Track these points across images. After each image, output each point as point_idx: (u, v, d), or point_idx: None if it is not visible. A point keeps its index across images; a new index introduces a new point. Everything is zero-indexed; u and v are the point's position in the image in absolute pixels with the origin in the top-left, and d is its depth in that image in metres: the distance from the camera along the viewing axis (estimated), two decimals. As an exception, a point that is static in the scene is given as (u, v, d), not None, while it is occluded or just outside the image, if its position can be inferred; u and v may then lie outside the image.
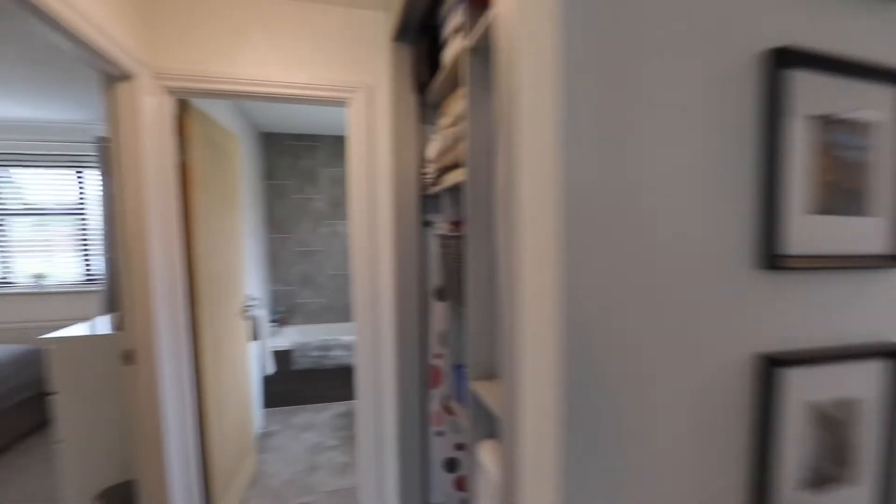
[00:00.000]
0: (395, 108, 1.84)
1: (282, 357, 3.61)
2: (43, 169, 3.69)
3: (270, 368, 3.41)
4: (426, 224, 1.95)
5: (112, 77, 1.58)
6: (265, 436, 3.19)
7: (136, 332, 1.64)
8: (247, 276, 2.76)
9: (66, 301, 3.70)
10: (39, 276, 3.69)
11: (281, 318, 4.26)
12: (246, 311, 2.58)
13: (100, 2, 1.40)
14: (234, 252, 2.41)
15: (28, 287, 3.69)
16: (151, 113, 1.68)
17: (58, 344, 1.94)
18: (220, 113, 2.73)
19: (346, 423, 3.37)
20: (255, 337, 3.13)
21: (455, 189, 1.60)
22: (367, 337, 2.02)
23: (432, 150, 1.73)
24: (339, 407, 3.68)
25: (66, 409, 1.97)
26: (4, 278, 3.71)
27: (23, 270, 3.73)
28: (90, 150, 3.58)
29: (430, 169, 1.75)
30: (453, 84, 1.58)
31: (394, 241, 1.92)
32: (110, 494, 1.98)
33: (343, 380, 3.75)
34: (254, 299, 3.19)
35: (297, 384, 3.68)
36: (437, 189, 1.73)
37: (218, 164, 2.18)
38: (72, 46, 1.35)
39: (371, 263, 1.99)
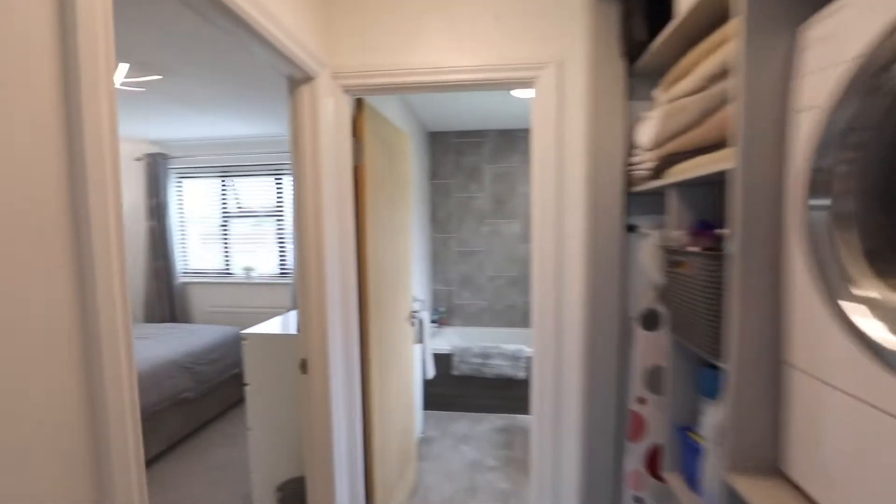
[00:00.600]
0: (593, 83, 1.46)
1: (441, 360, 3.53)
2: (252, 177, 4.29)
3: (431, 372, 3.35)
4: (630, 229, 1.52)
5: (295, 80, 1.55)
6: (425, 441, 3.13)
7: (311, 340, 1.60)
8: (413, 277, 2.68)
9: (268, 291, 4.25)
10: (249, 269, 4.31)
11: (440, 318, 4.23)
12: (413, 315, 2.49)
13: (287, 4, 1.34)
14: (402, 255, 2.33)
15: (240, 278, 4.35)
16: (330, 114, 1.61)
17: (251, 339, 2.08)
18: (389, 112, 2.70)
19: (506, 441, 3.11)
20: (419, 339, 3.08)
21: (690, 184, 1.14)
22: (547, 359, 1.69)
23: (647, 132, 1.30)
24: (497, 420, 3.45)
25: (255, 399, 2.11)
26: (225, 269, 4.44)
27: (237, 263, 4.41)
28: (286, 159, 4.02)
29: (644, 157, 1.32)
30: (690, 37, 1.12)
31: (586, 248, 1.54)
32: (288, 487, 2.06)
33: (502, 391, 3.50)
34: (418, 301, 3.14)
35: (456, 389, 3.57)
36: (652, 184, 1.29)
37: (389, 164, 2.10)
38: (263, 51, 1.31)
39: (555, 273, 1.64)
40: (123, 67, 2.32)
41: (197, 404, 3.11)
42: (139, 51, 2.22)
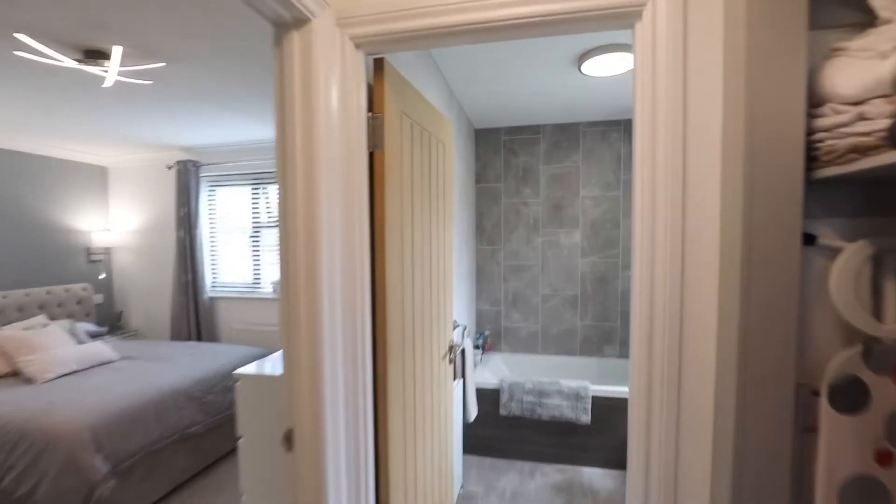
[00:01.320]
0: (743, 5, 0.87)
1: (487, 397, 2.97)
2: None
3: (473, 412, 2.78)
4: (808, 240, 0.92)
5: (282, 24, 1.08)
6: (465, 498, 2.56)
7: (298, 402, 1.11)
8: (453, 303, 2.15)
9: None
10: (277, 284, 3.95)
11: (485, 343, 3.66)
12: (452, 350, 1.96)
13: None
14: (440, 276, 1.81)
15: (269, 293, 4.00)
16: (333, 74, 1.13)
17: (245, 381, 1.62)
18: (426, 97, 2.21)
19: (567, 503, 2.49)
20: (458, 374, 2.54)
21: None
22: (655, 427, 1.09)
23: (861, 77, 0.70)
24: (554, 474, 2.82)
25: (250, 456, 1.65)
26: (255, 283, 4.12)
27: (267, 277, 4.07)
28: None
29: (856, 114, 0.72)
30: None
31: (725, 267, 0.95)
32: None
33: (561, 437, 2.87)
34: (459, 326, 2.61)
35: (505, 432, 2.98)
36: (877, 161, 0.69)
37: (422, 154, 1.59)
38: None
39: (668, 305, 1.04)
40: (118, 51, 1.99)
41: (205, 439, 2.72)
42: (138, 36, 1.88)
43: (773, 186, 0.87)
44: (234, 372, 1.67)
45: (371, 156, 1.27)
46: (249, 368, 1.68)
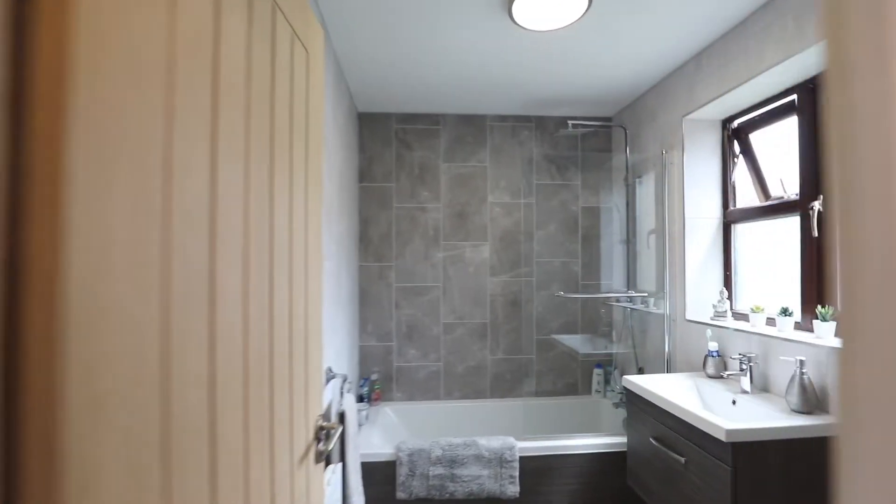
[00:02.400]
0: None
1: (377, 473, 2.07)
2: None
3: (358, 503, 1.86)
4: None
5: None
6: None
7: None
8: (321, 346, 1.26)
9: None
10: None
11: (372, 392, 2.76)
12: (323, 440, 1.03)
13: None
14: (297, 299, 0.89)
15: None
16: None
17: None
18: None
19: None
20: (336, 456, 1.62)
21: None
22: None
23: None
24: (474, 575, 2.01)
25: None
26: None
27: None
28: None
29: None
30: None
31: None
32: None
33: (480, 520, 2.09)
34: (335, 377, 1.71)
35: (402, 523, 2.09)
36: None
37: (248, 42, 0.72)
38: None
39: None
40: None
41: None
42: None
43: None
44: None
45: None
46: None
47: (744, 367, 1.73)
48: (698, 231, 2.24)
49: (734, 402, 1.71)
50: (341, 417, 1.71)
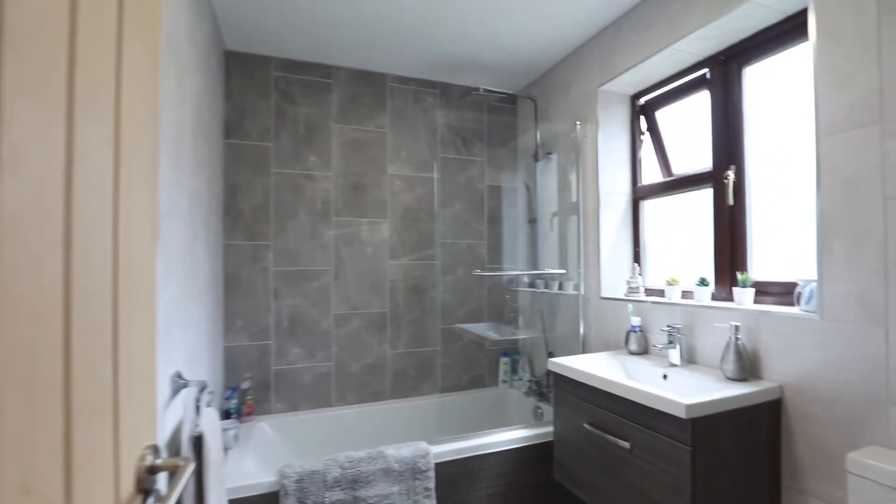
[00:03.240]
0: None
1: (253, 512, 1.54)
2: None
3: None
4: None
5: None
6: None
7: None
8: (155, 345, 0.77)
9: None
10: None
11: (242, 404, 2.17)
12: (150, 487, 0.57)
13: None
14: (99, 270, 0.44)
15: None
16: None
17: None
18: None
19: None
20: (195, 496, 1.09)
21: None
22: None
23: None
24: None
25: None
26: None
27: None
28: None
29: None
30: None
31: None
32: None
33: (389, 549, 1.70)
34: (189, 385, 1.18)
35: (287, 572, 1.59)
36: None
37: None
38: None
39: None
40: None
41: None
42: None
43: None
44: None
45: None
46: None
47: (672, 339, 1.65)
48: (612, 207, 2.18)
49: (665, 377, 1.62)
50: (198, 443, 1.18)
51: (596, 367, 1.70)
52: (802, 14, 1.44)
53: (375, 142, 2.52)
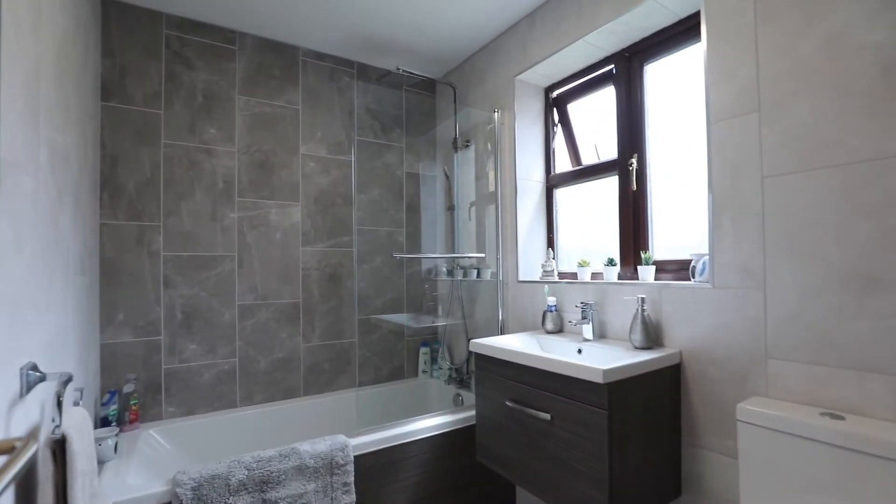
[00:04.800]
0: None
1: (137, 530, 1.32)
2: None
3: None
4: None
5: None
6: None
7: None
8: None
9: None
10: None
11: (124, 411, 1.87)
12: None
13: None
14: None
15: None
16: None
17: None
18: None
19: None
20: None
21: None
22: None
23: None
24: None
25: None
26: None
27: None
28: None
29: None
30: None
31: None
32: None
33: (303, 553, 1.57)
34: (48, 380, 0.96)
35: None
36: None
37: None
38: None
39: None
40: None
41: None
42: None
43: None
44: None
45: None
46: None
47: (586, 315, 1.73)
48: (527, 195, 2.24)
49: (580, 352, 1.69)
50: (61, 447, 0.96)
51: (515, 345, 1.72)
52: (695, 17, 1.59)
53: (286, 118, 2.34)
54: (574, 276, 2.02)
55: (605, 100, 2.05)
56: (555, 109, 2.32)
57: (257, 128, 2.25)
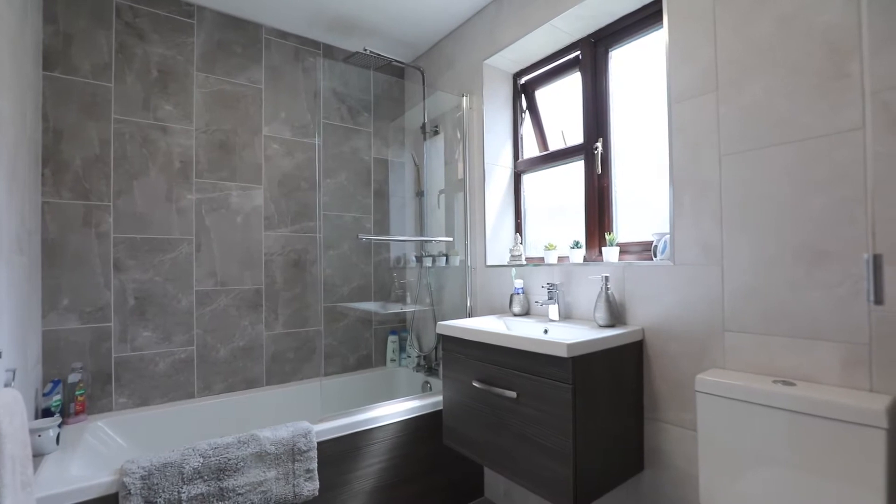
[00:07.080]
0: None
1: (81, 522, 1.23)
2: None
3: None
4: None
5: None
6: None
7: None
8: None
9: None
10: None
11: (69, 403, 1.76)
12: None
13: None
14: None
15: None
16: None
17: None
18: None
19: None
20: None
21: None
22: None
23: None
24: None
25: None
26: None
27: None
28: None
29: None
30: None
31: None
32: None
33: (263, 542, 1.51)
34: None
35: (130, 589, 1.31)
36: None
37: None
38: None
39: None
40: None
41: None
42: None
43: None
44: None
45: None
46: None
47: (552, 295, 1.74)
48: (496, 180, 2.24)
49: (546, 332, 1.70)
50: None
51: (482, 326, 1.72)
52: (658, 2, 1.62)
53: (248, 98, 2.25)
54: (541, 260, 2.03)
55: (572, 86, 2.07)
56: (523, 96, 2.32)
57: (217, 106, 2.16)
